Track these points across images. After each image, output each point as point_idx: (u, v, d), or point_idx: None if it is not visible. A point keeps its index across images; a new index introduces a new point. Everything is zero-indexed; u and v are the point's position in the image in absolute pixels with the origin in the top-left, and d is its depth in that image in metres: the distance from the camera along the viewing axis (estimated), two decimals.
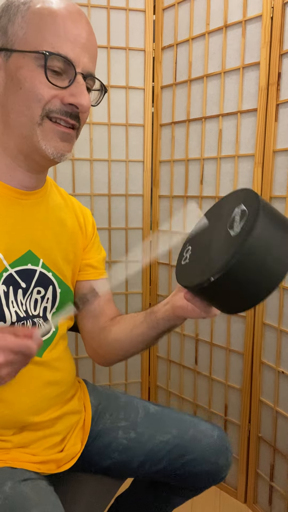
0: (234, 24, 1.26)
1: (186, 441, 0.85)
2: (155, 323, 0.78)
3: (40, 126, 0.65)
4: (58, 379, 0.78)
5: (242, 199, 0.61)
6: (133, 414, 0.89)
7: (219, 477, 0.88)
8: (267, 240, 0.56)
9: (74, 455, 0.80)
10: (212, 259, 0.60)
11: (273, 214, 0.59)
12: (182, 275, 0.67)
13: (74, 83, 0.65)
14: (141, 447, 0.85)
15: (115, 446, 0.85)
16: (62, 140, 0.67)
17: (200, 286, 0.59)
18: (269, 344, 1.28)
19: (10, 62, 0.65)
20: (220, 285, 0.56)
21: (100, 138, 1.48)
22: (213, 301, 0.64)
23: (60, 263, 0.79)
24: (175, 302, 0.74)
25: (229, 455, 0.88)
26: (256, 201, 0.57)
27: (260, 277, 0.56)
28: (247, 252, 0.54)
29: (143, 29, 1.45)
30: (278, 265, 0.56)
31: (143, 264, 0.57)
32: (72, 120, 0.67)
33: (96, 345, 0.88)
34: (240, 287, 0.57)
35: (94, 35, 0.69)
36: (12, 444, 0.72)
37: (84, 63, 0.65)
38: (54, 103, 0.65)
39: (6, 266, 0.69)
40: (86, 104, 0.66)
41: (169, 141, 1.50)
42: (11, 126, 0.67)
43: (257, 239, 0.54)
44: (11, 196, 0.71)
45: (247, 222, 0.56)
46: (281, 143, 1.20)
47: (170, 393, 1.62)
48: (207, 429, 0.87)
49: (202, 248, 0.66)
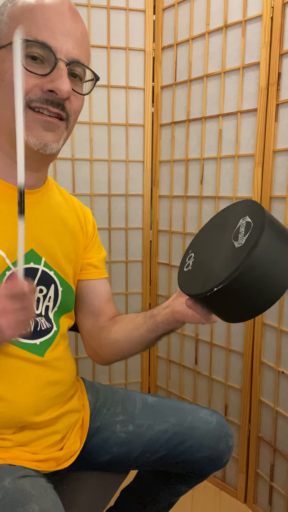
0: (234, 24, 1.26)
1: (185, 428, 0.85)
2: (155, 326, 0.79)
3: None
4: (59, 379, 0.78)
5: (247, 211, 0.62)
6: (130, 407, 0.89)
7: (220, 462, 0.87)
8: (271, 254, 0.57)
9: (73, 453, 0.80)
10: (216, 269, 0.60)
11: (278, 228, 0.60)
12: (185, 282, 0.68)
13: (54, 69, 0.63)
14: (139, 439, 0.85)
15: (114, 440, 0.85)
16: (45, 129, 0.66)
17: (202, 295, 0.60)
18: (269, 344, 1.28)
19: None
20: (223, 295, 0.57)
21: (100, 138, 1.48)
22: (214, 309, 0.64)
23: (62, 262, 0.79)
24: (175, 307, 0.75)
25: (229, 439, 0.87)
26: (261, 214, 0.58)
27: (262, 290, 0.57)
28: (251, 265, 0.55)
29: (143, 29, 1.45)
30: (280, 279, 0.58)
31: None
32: (55, 108, 0.65)
33: (95, 344, 0.89)
34: (242, 298, 0.58)
35: (80, 23, 0.67)
36: (12, 443, 0.72)
37: (67, 50, 0.64)
38: (34, 92, 0.64)
39: (9, 264, 0.69)
40: (64, 89, 0.63)
41: (169, 141, 1.50)
42: (0, 122, 0.67)
43: (262, 253, 0.56)
44: (12, 195, 0.71)
45: (252, 235, 0.57)
46: (281, 143, 1.20)
47: (170, 393, 1.62)
48: (205, 415, 0.87)
49: (205, 257, 0.67)
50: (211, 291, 0.57)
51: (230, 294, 0.57)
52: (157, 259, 1.59)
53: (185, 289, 0.66)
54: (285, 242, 0.59)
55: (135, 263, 1.58)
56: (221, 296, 0.57)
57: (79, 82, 0.69)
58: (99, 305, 0.88)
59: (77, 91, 0.68)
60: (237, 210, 0.65)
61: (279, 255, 0.57)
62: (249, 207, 0.63)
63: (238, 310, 0.61)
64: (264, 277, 0.56)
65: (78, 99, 0.69)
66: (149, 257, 1.59)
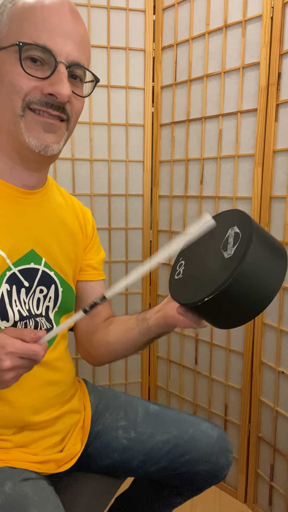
0: (234, 24, 1.26)
1: (186, 441, 0.85)
2: (147, 330, 0.80)
3: (22, 118, 0.64)
4: (58, 379, 0.78)
5: (235, 221, 0.64)
6: (133, 413, 0.89)
7: (219, 476, 0.88)
8: (259, 265, 0.59)
9: (74, 455, 0.80)
10: (205, 278, 0.63)
11: (266, 238, 0.62)
12: (176, 290, 0.70)
13: (54, 72, 0.63)
14: (141, 447, 0.85)
15: (115, 446, 0.85)
16: (45, 131, 0.66)
17: (193, 305, 0.62)
18: (269, 344, 1.28)
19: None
20: (212, 305, 0.60)
21: (100, 138, 1.48)
22: (204, 317, 0.67)
23: (62, 262, 0.79)
24: (166, 312, 0.76)
25: (229, 455, 0.88)
26: (249, 225, 0.60)
27: (251, 299, 0.60)
28: (241, 276, 0.57)
29: (143, 29, 1.45)
30: (268, 288, 0.60)
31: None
32: (55, 111, 0.65)
33: (88, 345, 0.89)
34: (232, 307, 0.61)
35: (81, 24, 0.67)
36: (12, 444, 0.72)
37: (67, 52, 0.64)
38: (34, 94, 0.64)
39: (9, 265, 0.69)
40: (64, 93, 0.63)
41: (169, 141, 1.50)
42: (1, 123, 0.67)
43: (250, 265, 0.58)
44: (12, 195, 0.71)
45: (240, 246, 0.59)
46: (281, 143, 1.20)
47: (170, 393, 1.62)
48: (207, 429, 0.87)
49: (195, 265, 0.69)
50: (201, 301, 0.60)
51: (219, 303, 0.59)
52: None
53: (177, 298, 0.68)
54: (272, 252, 0.61)
55: (135, 263, 1.58)
56: (211, 306, 0.60)
57: (80, 84, 0.69)
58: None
59: (77, 93, 0.68)
60: (226, 219, 0.67)
61: (266, 265, 0.60)
62: (237, 217, 0.65)
63: (228, 317, 0.63)
64: (253, 286, 0.59)
65: (78, 100, 0.69)
66: (149, 257, 1.59)
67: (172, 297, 0.69)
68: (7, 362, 0.55)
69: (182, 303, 0.66)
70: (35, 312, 0.73)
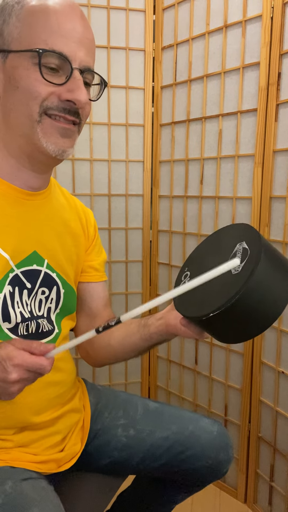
0: (234, 24, 1.26)
1: (185, 437, 0.85)
2: (148, 336, 0.80)
3: (39, 123, 0.65)
4: (59, 380, 0.78)
5: (244, 236, 0.64)
6: (132, 411, 0.89)
7: (220, 472, 0.88)
8: (267, 283, 0.59)
9: (74, 455, 0.80)
10: (212, 294, 0.62)
11: (274, 255, 0.61)
12: (181, 302, 0.69)
13: (71, 79, 0.64)
14: (140, 444, 0.85)
15: (115, 444, 0.85)
16: (62, 136, 0.67)
17: (197, 319, 0.62)
18: (269, 344, 1.28)
19: (7, 63, 0.65)
20: (217, 320, 0.59)
21: (100, 138, 1.48)
22: (208, 331, 0.66)
23: (64, 264, 0.79)
24: (168, 320, 0.75)
25: (229, 450, 0.88)
26: (258, 242, 0.60)
27: (257, 317, 0.60)
28: (248, 293, 0.57)
29: (143, 29, 1.45)
30: (275, 306, 0.60)
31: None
32: (71, 117, 0.66)
33: (88, 347, 0.89)
34: (236, 324, 0.60)
35: (90, 29, 0.68)
36: (12, 444, 0.72)
37: (80, 58, 0.65)
38: (51, 100, 0.64)
39: (12, 266, 0.69)
40: (83, 100, 0.65)
41: (169, 141, 1.50)
42: (12, 126, 0.67)
43: (258, 283, 0.57)
44: (16, 197, 0.71)
45: (248, 263, 0.59)
46: (281, 143, 1.20)
47: (170, 393, 1.62)
48: (206, 425, 0.87)
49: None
50: (206, 316, 0.59)
51: (224, 320, 0.59)
52: (157, 259, 1.59)
53: (181, 310, 0.67)
54: (279, 270, 0.60)
55: (135, 263, 1.58)
56: (216, 321, 0.60)
57: (89, 87, 0.70)
58: (97, 308, 0.88)
59: (89, 97, 0.69)
60: (233, 233, 0.67)
61: (274, 283, 0.59)
62: (246, 232, 0.64)
63: (232, 333, 0.63)
64: (259, 304, 0.59)
65: (88, 104, 0.70)
66: (149, 257, 1.59)
67: (177, 309, 0.69)
68: (14, 375, 0.55)
69: (187, 316, 0.66)
70: (37, 314, 0.74)
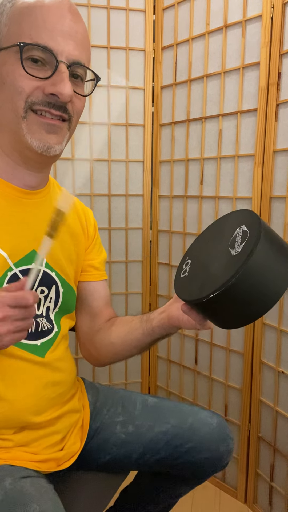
0: (234, 24, 1.26)
1: (185, 430, 0.85)
2: (150, 331, 0.80)
3: (24, 119, 0.64)
4: (59, 380, 0.78)
5: (244, 220, 0.64)
6: (130, 408, 0.89)
7: (221, 464, 0.87)
8: (266, 262, 0.59)
9: (73, 454, 0.80)
10: (212, 275, 0.62)
11: (273, 237, 0.62)
12: (181, 287, 0.69)
13: (56, 72, 0.63)
14: (139, 440, 0.85)
15: (114, 441, 0.85)
16: (48, 132, 0.66)
17: (198, 301, 0.61)
18: (269, 344, 1.28)
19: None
20: (218, 302, 0.59)
21: (100, 138, 1.48)
22: (209, 315, 0.66)
23: (63, 263, 0.79)
24: (171, 312, 0.76)
25: (229, 441, 0.87)
26: (258, 224, 0.60)
27: (257, 297, 0.59)
28: (247, 273, 0.57)
29: (143, 29, 1.45)
30: (275, 287, 0.60)
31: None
32: (57, 111, 0.65)
33: (91, 346, 0.89)
34: (237, 305, 0.60)
35: (81, 23, 0.67)
36: (12, 443, 0.72)
37: (68, 51, 0.64)
38: (36, 95, 0.64)
39: (10, 265, 0.69)
40: (66, 93, 0.63)
41: (169, 141, 1.50)
42: (2, 124, 0.67)
43: (257, 261, 0.57)
44: (14, 196, 0.71)
45: (248, 243, 0.59)
46: (281, 143, 1.20)
47: (170, 393, 1.62)
48: (206, 417, 0.87)
49: (202, 263, 0.68)
50: (207, 297, 0.59)
51: (226, 300, 0.59)
52: (157, 259, 1.59)
53: (182, 295, 0.67)
54: (279, 251, 0.60)
55: (135, 263, 1.58)
56: (217, 302, 0.59)
57: (81, 83, 0.69)
58: (98, 307, 0.88)
59: (78, 92, 0.68)
60: (234, 219, 0.67)
61: (274, 263, 0.59)
62: (246, 217, 0.64)
63: (233, 316, 0.62)
64: (259, 284, 0.58)
65: (79, 99, 0.69)
66: (149, 257, 1.59)
67: (177, 294, 0.68)
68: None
69: (187, 300, 0.65)
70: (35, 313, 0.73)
